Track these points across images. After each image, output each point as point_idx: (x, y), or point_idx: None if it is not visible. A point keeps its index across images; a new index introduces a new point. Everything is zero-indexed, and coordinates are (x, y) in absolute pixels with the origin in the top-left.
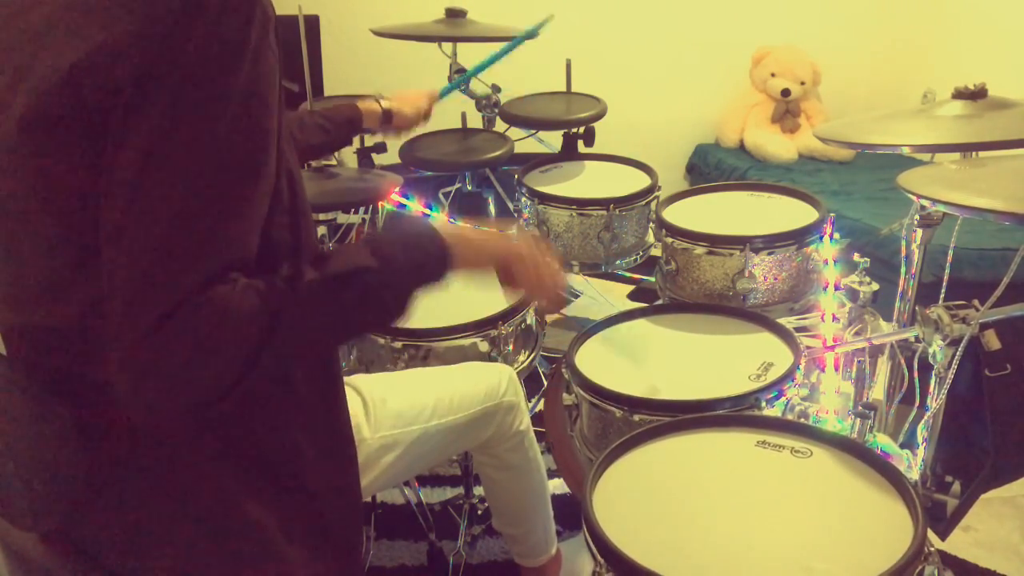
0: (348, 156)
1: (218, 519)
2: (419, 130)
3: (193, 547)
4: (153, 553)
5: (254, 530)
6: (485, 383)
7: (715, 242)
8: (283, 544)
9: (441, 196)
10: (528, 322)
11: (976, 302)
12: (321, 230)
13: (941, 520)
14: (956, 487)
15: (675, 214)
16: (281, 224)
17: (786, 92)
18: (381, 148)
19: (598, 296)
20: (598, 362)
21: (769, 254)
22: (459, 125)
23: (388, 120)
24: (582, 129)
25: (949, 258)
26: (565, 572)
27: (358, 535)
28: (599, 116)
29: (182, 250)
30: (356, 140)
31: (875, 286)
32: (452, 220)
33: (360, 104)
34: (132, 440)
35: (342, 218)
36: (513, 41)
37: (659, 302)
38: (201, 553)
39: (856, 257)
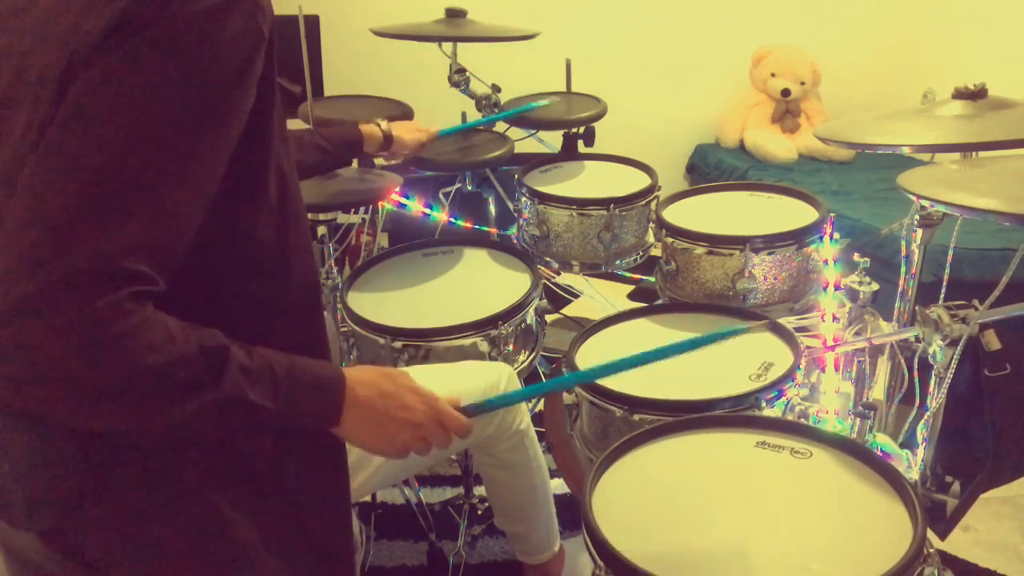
0: None
1: (197, 524)
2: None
3: (172, 550)
4: (136, 555)
5: (233, 537)
6: (484, 380)
7: (715, 242)
8: (261, 552)
9: (441, 196)
10: (528, 322)
11: (976, 302)
12: (321, 230)
13: (941, 520)
14: (956, 487)
15: (675, 214)
16: (267, 224)
17: (786, 92)
18: None
19: (598, 296)
20: (598, 362)
21: (769, 254)
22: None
23: (388, 145)
24: (582, 129)
25: (949, 258)
26: (568, 570)
27: (346, 545)
28: (599, 116)
29: (81, 222)
30: None
31: (875, 286)
32: (452, 221)
33: (362, 127)
34: (114, 443)
35: (342, 218)
36: (525, 107)
37: (659, 302)
38: (179, 558)
39: (856, 257)
